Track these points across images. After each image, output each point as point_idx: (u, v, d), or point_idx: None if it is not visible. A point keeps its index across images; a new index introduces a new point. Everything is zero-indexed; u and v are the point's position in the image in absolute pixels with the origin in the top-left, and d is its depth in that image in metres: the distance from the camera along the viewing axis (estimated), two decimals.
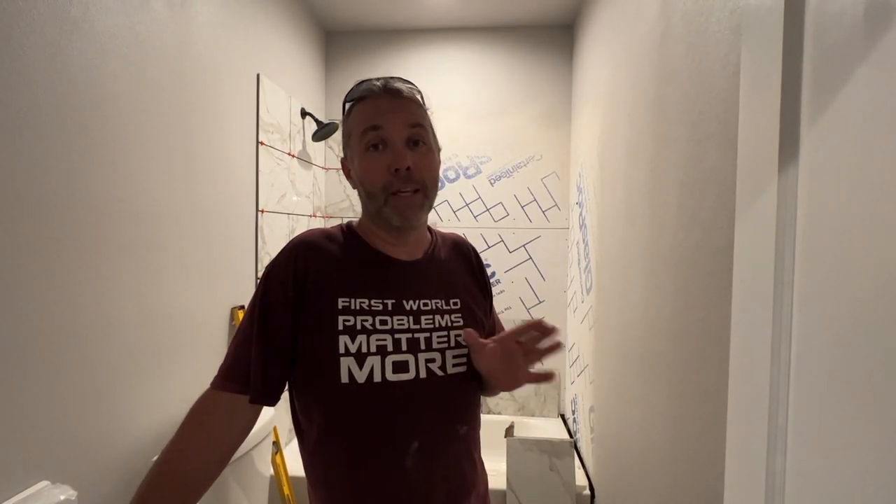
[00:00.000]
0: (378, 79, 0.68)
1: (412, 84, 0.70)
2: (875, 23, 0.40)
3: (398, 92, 0.67)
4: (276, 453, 1.57)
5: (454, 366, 0.68)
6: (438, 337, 0.68)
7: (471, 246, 0.82)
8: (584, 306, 1.89)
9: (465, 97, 2.27)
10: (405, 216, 0.65)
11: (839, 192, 0.44)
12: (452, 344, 0.68)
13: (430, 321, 0.68)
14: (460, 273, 0.76)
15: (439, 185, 0.71)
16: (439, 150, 0.72)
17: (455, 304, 0.72)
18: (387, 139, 0.65)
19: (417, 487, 0.64)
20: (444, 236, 0.80)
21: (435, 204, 0.72)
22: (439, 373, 0.66)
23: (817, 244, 0.47)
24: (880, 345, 0.39)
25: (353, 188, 0.72)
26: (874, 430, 0.40)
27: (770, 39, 0.52)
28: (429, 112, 0.70)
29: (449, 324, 0.69)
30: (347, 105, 0.71)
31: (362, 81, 0.69)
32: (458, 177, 2.27)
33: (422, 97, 0.70)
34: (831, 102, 0.45)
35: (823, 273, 0.46)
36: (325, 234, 0.70)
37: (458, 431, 0.68)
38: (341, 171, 2.24)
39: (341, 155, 0.74)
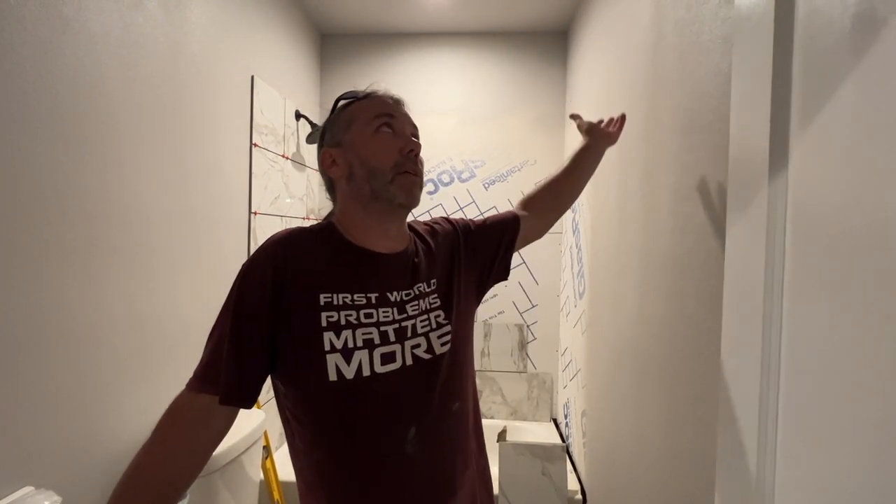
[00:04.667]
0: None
1: None
2: (862, 34, 0.41)
3: (400, 99, 0.74)
4: (267, 458, 1.56)
5: (442, 345, 0.69)
6: (422, 321, 0.68)
7: (430, 220, 0.85)
8: (576, 311, 1.89)
9: (459, 101, 2.28)
10: (411, 194, 0.68)
11: (828, 199, 0.44)
12: (433, 326, 0.69)
13: (416, 307, 0.69)
14: (439, 252, 0.77)
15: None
16: None
17: (433, 283, 0.73)
18: (396, 128, 0.69)
19: (420, 470, 0.64)
20: (418, 227, 0.80)
21: (430, 207, 0.75)
22: (425, 356, 0.66)
23: (807, 249, 0.47)
24: (870, 349, 0.40)
25: (335, 177, 0.72)
26: (864, 432, 0.40)
27: (760, 48, 0.53)
28: None
29: (428, 306, 0.70)
30: (344, 101, 0.73)
31: (362, 90, 0.74)
32: (452, 180, 2.28)
33: None
34: (820, 111, 0.46)
35: (813, 278, 0.46)
36: (304, 231, 0.70)
37: (451, 409, 0.69)
38: None
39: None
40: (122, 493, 0.57)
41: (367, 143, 0.68)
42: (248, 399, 0.63)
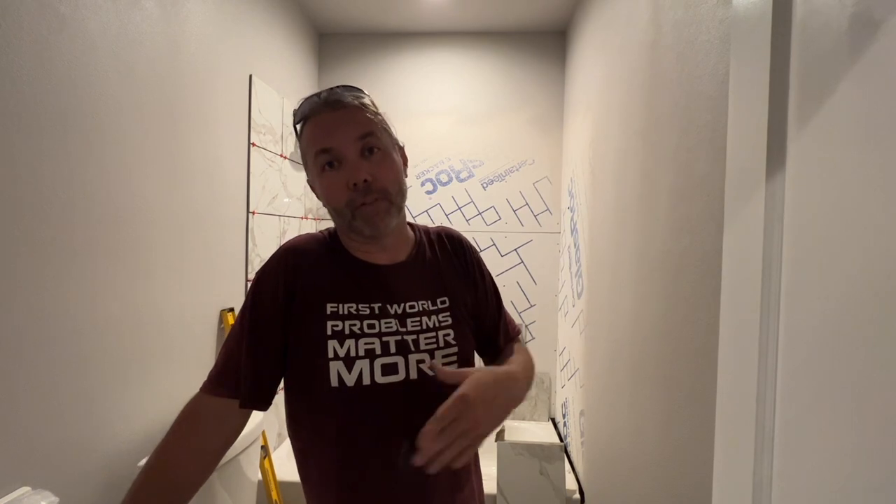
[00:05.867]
0: (321, 92, 0.67)
1: (357, 89, 0.68)
2: (859, 35, 0.41)
3: (339, 102, 0.65)
4: (265, 458, 1.55)
5: (443, 365, 0.68)
6: (426, 338, 0.68)
7: (452, 234, 0.79)
8: (574, 310, 1.90)
9: (458, 101, 2.28)
10: (375, 224, 0.65)
11: (825, 199, 0.45)
12: (441, 344, 0.69)
13: (417, 323, 0.68)
14: (446, 268, 0.75)
15: (407, 188, 0.69)
16: (401, 147, 0.71)
17: (443, 302, 0.72)
18: (339, 157, 0.64)
19: (411, 486, 0.64)
20: (429, 231, 0.79)
21: (428, 207, 0.73)
22: (430, 372, 0.66)
23: (804, 250, 0.48)
24: (865, 348, 0.40)
25: (324, 206, 0.71)
26: (860, 431, 0.40)
27: (758, 49, 0.53)
28: (381, 114, 0.68)
29: (437, 324, 0.69)
30: (298, 127, 0.69)
31: (306, 99, 0.68)
32: (450, 180, 2.28)
33: (371, 100, 0.69)
34: (817, 111, 0.46)
35: (810, 278, 0.47)
36: (313, 240, 0.71)
37: None
38: None
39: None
40: (137, 492, 0.58)
41: (319, 186, 0.67)
42: (265, 401, 0.65)
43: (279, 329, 0.64)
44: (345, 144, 0.63)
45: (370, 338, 0.65)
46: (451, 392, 0.68)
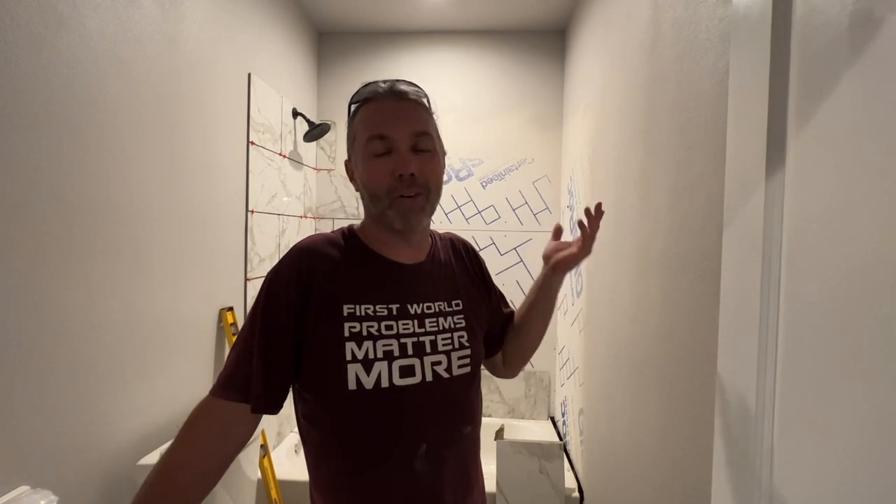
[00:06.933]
0: (385, 81, 0.68)
1: (418, 87, 0.70)
2: (859, 33, 0.41)
3: (404, 94, 0.67)
4: (264, 457, 1.56)
5: (459, 367, 0.68)
6: (443, 339, 0.68)
7: (465, 242, 0.83)
8: (574, 309, 1.90)
9: (457, 100, 2.27)
10: (407, 220, 0.65)
11: (824, 198, 0.45)
12: (457, 346, 0.69)
13: (435, 324, 0.68)
14: (460, 273, 0.77)
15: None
16: (444, 154, 0.73)
17: (457, 305, 0.72)
18: (392, 146, 0.65)
19: (426, 488, 0.64)
20: (442, 237, 0.80)
21: None
22: (445, 375, 0.67)
23: (803, 249, 0.48)
24: (865, 350, 0.40)
25: (357, 190, 0.71)
26: (859, 434, 0.40)
27: (758, 48, 0.53)
28: (434, 116, 0.70)
29: (452, 325, 0.70)
30: (353, 107, 0.70)
31: (368, 83, 0.69)
32: (449, 179, 2.28)
33: (428, 101, 0.70)
34: (817, 110, 0.46)
35: (809, 277, 0.47)
36: (327, 240, 0.70)
37: (463, 432, 0.69)
38: (332, 173, 2.26)
39: (333, 157, 0.74)
40: (145, 497, 0.57)
41: (364, 167, 0.66)
42: (276, 406, 0.64)
43: (292, 332, 0.63)
44: (400, 136, 0.65)
45: (388, 339, 0.64)
46: (463, 393, 0.69)
